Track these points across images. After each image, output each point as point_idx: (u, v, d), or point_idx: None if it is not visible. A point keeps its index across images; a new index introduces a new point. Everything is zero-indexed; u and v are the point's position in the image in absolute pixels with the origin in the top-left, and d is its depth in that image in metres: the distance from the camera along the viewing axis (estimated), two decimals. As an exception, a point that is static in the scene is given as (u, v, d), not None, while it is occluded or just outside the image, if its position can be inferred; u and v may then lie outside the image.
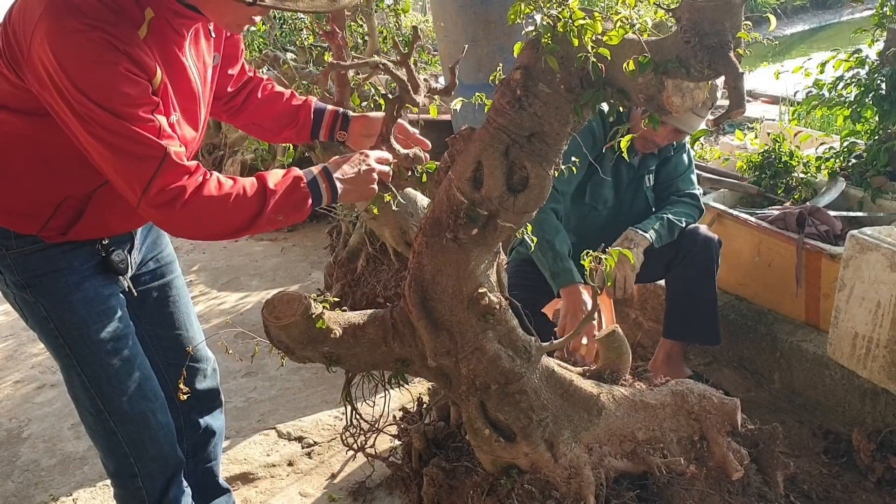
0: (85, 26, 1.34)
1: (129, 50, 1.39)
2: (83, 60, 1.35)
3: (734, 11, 1.24)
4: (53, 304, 1.64)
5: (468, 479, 1.94)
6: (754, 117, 5.64)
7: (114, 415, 1.73)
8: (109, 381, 1.71)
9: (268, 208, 1.52)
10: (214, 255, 4.63)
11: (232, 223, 1.52)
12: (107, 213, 1.66)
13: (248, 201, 1.51)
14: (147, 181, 1.42)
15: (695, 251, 2.55)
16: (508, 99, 1.54)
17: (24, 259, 1.61)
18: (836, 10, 12.97)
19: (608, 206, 2.64)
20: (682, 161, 2.67)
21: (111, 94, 1.37)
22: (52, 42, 1.34)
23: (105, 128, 1.38)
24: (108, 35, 1.36)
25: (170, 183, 1.43)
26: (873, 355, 2.14)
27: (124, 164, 1.42)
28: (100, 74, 1.36)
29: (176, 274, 1.94)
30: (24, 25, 1.39)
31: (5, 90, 1.48)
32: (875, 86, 2.94)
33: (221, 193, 1.49)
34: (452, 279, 1.73)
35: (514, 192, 1.62)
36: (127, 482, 1.81)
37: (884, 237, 2.10)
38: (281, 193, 1.54)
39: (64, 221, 1.61)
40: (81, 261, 1.66)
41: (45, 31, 1.34)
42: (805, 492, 2.16)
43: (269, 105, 1.93)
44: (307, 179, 1.58)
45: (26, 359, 3.52)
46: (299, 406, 2.92)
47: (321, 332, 1.75)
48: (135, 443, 1.77)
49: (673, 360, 2.70)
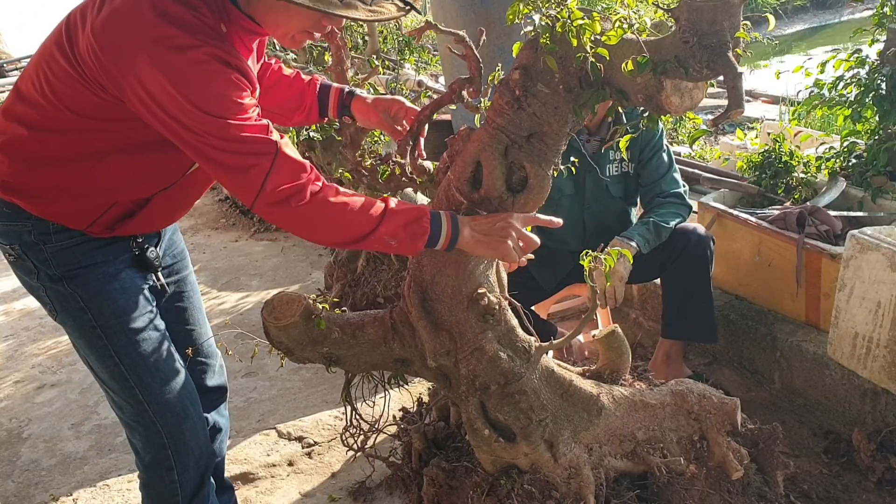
0: (196, 43, 1.37)
1: (239, 64, 1.43)
2: (198, 75, 1.38)
3: (733, 11, 1.24)
4: (91, 294, 1.64)
5: (468, 480, 1.94)
6: (754, 117, 5.65)
7: (153, 405, 1.72)
8: (149, 371, 1.70)
9: (382, 227, 1.52)
10: (214, 255, 4.64)
11: (347, 232, 1.54)
12: (157, 213, 1.69)
13: (367, 215, 1.52)
14: (262, 179, 1.44)
15: (688, 250, 2.56)
16: (507, 99, 1.54)
17: (61, 252, 1.62)
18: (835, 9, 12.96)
19: (566, 194, 2.66)
20: (662, 162, 2.68)
21: (226, 103, 1.40)
22: (163, 64, 1.36)
23: (221, 137, 1.41)
24: (219, 50, 1.40)
25: (286, 180, 1.45)
26: (873, 355, 2.14)
27: (240, 167, 1.44)
28: (214, 86, 1.39)
29: (189, 270, 1.95)
30: (116, 47, 1.39)
31: (82, 98, 1.48)
32: (875, 86, 2.93)
33: (339, 201, 1.50)
34: (452, 279, 1.73)
35: (514, 192, 1.62)
36: (163, 474, 1.80)
37: (884, 237, 2.10)
38: (401, 219, 1.54)
39: (113, 219, 1.64)
40: (117, 254, 1.67)
41: (152, 54, 1.36)
42: (805, 492, 2.16)
43: (275, 91, 1.92)
44: (432, 217, 1.57)
45: (26, 359, 3.52)
46: (299, 406, 2.93)
47: (321, 332, 1.75)
48: (174, 434, 1.75)
49: (672, 359, 2.70)
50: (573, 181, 2.64)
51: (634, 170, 2.71)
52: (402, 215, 1.54)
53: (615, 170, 2.69)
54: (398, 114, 1.85)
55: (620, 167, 2.70)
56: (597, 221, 2.70)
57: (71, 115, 1.50)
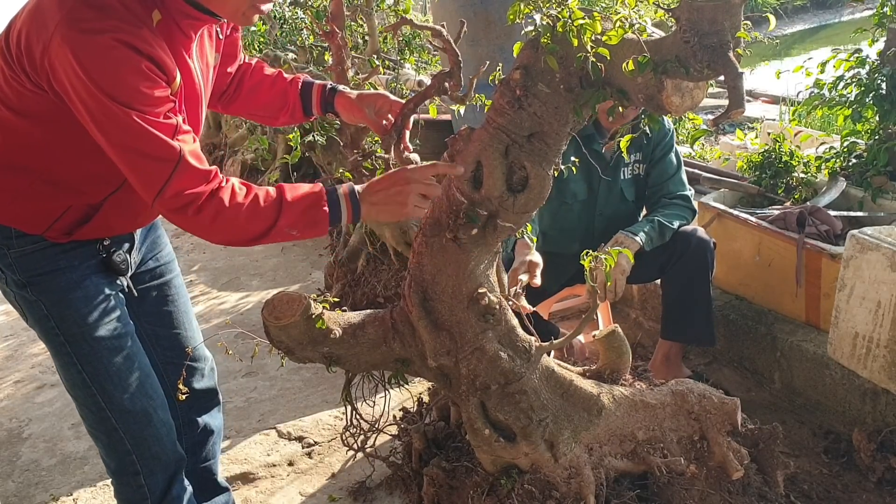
0: (108, 27, 1.35)
1: (151, 52, 1.39)
2: (105, 60, 1.35)
3: (733, 11, 1.24)
4: (53, 302, 1.64)
5: (468, 479, 1.94)
6: (755, 117, 5.65)
7: (115, 412, 1.72)
8: (110, 379, 1.70)
9: (281, 221, 1.52)
10: (214, 255, 4.64)
11: (245, 233, 1.53)
12: (113, 216, 1.67)
13: (262, 213, 1.51)
14: (162, 183, 1.43)
15: (689, 253, 2.56)
16: (508, 99, 1.54)
17: (24, 258, 1.61)
18: (836, 9, 12.96)
19: (579, 199, 2.66)
20: (671, 163, 2.69)
21: (132, 93, 1.37)
22: (74, 45, 1.34)
23: (123, 128, 1.39)
24: (130, 36, 1.37)
25: (185, 188, 1.44)
26: (873, 355, 2.14)
27: (141, 164, 1.43)
28: (121, 73, 1.36)
29: (175, 273, 1.94)
30: (38, 28, 1.38)
31: (15, 94, 1.47)
32: (875, 85, 2.94)
33: (235, 203, 1.49)
34: (452, 279, 1.73)
35: (514, 192, 1.62)
36: (129, 480, 1.81)
37: (884, 237, 2.10)
38: (298, 208, 1.53)
39: (70, 223, 1.62)
40: (82, 259, 1.66)
41: (65, 34, 1.34)
42: (805, 492, 2.16)
43: (258, 93, 1.90)
44: (329, 197, 1.55)
45: (26, 359, 3.52)
46: (299, 406, 2.92)
47: (321, 332, 1.75)
48: (136, 440, 1.76)
49: (672, 360, 2.71)
50: (587, 185, 2.64)
51: (644, 170, 2.71)
52: (300, 203, 1.53)
53: (629, 173, 2.69)
54: (383, 108, 1.82)
55: (634, 169, 2.70)
56: (606, 225, 2.69)
57: (8, 113, 1.49)
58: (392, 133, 1.72)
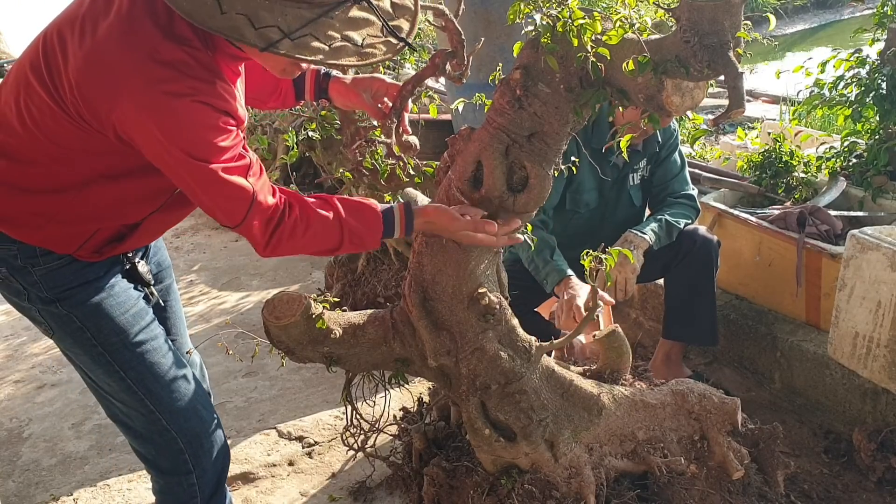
0: (187, 90, 1.35)
1: (226, 107, 1.42)
2: (184, 121, 1.36)
3: (734, 11, 1.25)
4: (87, 314, 1.62)
5: (468, 479, 1.94)
6: (755, 117, 5.64)
7: (164, 413, 1.71)
8: (157, 380, 1.70)
9: (345, 242, 1.58)
10: (215, 255, 4.63)
11: (315, 252, 1.62)
12: (146, 234, 1.69)
13: (328, 237, 1.57)
14: (241, 218, 1.48)
15: (693, 252, 2.56)
16: (508, 99, 1.54)
17: (51, 274, 1.59)
18: (836, 9, 12.95)
19: (591, 208, 2.64)
20: (675, 162, 2.68)
21: (209, 148, 1.39)
22: (152, 109, 1.34)
23: (200, 179, 1.43)
24: (208, 96, 1.38)
25: (257, 226, 1.50)
26: (874, 355, 2.14)
27: (219, 204, 1.49)
28: (200, 133, 1.38)
29: (173, 278, 1.95)
30: (102, 83, 1.35)
31: (62, 129, 1.44)
32: (876, 85, 2.93)
33: (305, 234, 1.55)
34: (452, 279, 1.73)
35: (514, 192, 1.62)
36: (181, 479, 1.79)
37: (884, 237, 2.10)
38: (357, 227, 1.59)
39: (99, 243, 1.61)
40: (107, 268, 1.65)
41: (141, 99, 1.33)
42: (805, 491, 2.16)
43: (249, 78, 1.84)
44: (384, 214, 1.61)
45: (27, 359, 3.52)
46: (300, 406, 2.92)
47: (321, 332, 1.75)
48: (189, 438, 1.75)
49: (672, 360, 2.70)
50: (598, 193, 2.63)
51: (650, 171, 2.70)
52: (358, 221, 1.59)
53: (637, 178, 2.69)
54: (379, 91, 1.79)
55: (643, 174, 2.69)
56: (614, 230, 2.68)
57: (51, 146, 1.46)
58: (391, 116, 1.66)
